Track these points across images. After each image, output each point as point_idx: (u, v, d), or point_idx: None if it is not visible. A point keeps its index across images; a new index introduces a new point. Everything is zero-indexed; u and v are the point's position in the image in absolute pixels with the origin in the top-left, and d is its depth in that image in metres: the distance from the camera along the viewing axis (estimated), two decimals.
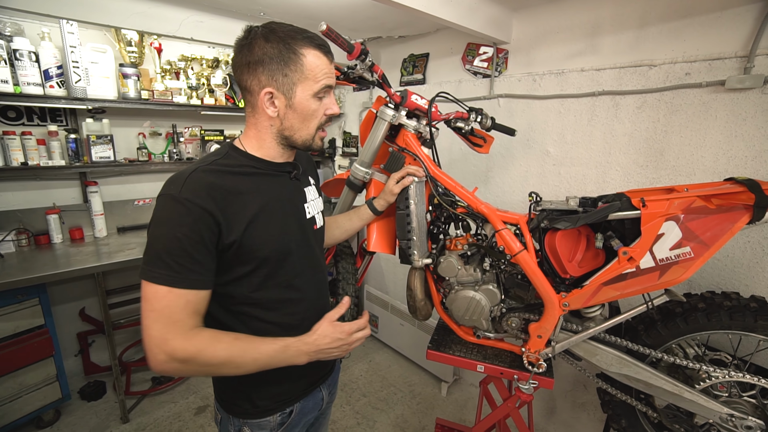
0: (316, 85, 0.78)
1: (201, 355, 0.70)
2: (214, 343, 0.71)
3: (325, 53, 0.79)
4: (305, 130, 0.83)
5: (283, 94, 0.78)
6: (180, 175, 0.73)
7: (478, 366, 1.28)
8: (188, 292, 0.70)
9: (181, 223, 0.69)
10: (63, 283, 2.27)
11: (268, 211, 0.80)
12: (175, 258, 0.68)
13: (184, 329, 0.70)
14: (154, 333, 0.68)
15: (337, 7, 1.89)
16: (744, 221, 0.93)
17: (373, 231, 1.32)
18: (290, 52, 0.75)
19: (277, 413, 0.88)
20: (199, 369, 0.72)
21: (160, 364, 0.68)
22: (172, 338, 0.68)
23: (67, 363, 2.22)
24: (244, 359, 0.73)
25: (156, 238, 0.70)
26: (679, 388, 1.08)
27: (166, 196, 0.71)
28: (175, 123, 2.48)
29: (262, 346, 0.75)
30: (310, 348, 0.80)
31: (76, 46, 1.81)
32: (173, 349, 0.68)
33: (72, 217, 2.22)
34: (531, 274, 1.15)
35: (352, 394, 2.35)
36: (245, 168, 0.80)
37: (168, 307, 0.68)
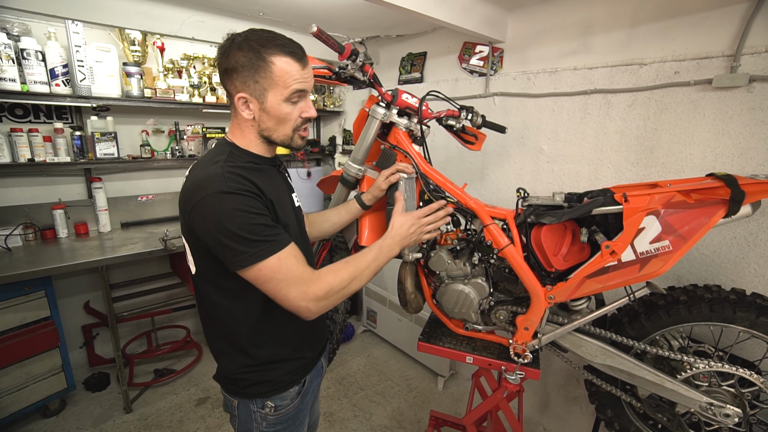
0: (286, 91, 0.82)
1: (334, 285, 0.83)
2: (336, 273, 0.85)
3: (297, 59, 0.82)
4: (282, 131, 0.88)
5: (256, 99, 0.83)
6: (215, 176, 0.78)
7: (467, 357, 1.32)
8: (290, 249, 0.81)
9: (246, 205, 0.77)
10: (68, 276, 2.33)
11: (279, 197, 0.90)
12: (262, 233, 0.78)
13: (310, 275, 0.82)
14: (294, 293, 0.80)
15: (334, 7, 1.92)
16: (720, 215, 0.96)
17: (365, 226, 1.35)
18: (260, 60, 0.80)
19: (295, 385, 0.98)
20: (337, 297, 0.85)
21: (312, 311, 0.82)
22: (308, 287, 0.81)
23: (72, 354, 2.28)
24: (361, 271, 0.89)
25: (236, 229, 0.75)
26: (661, 378, 1.11)
27: (214, 194, 0.76)
28: (178, 121, 2.53)
29: (366, 257, 0.92)
30: (395, 240, 0.99)
31: (81, 46, 1.86)
32: (314, 293, 0.81)
33: (77, 213, 2.28)
34: (517, 267, 1.18)
35: (350, 388, 2.40)
36: (250, 164, 0.88)
37: (288, 269, 0.79)
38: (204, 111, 2.52)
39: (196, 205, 0.77)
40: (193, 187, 0.79)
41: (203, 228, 0.78)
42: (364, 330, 3.05)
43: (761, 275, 1.35)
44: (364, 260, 0.91)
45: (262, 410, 0.94)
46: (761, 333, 1.06)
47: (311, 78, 0.87)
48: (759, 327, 1.06)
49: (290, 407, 0.98)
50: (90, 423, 2.04)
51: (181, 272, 2.45)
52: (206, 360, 2.61)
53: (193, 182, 0.81)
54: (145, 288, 2.58)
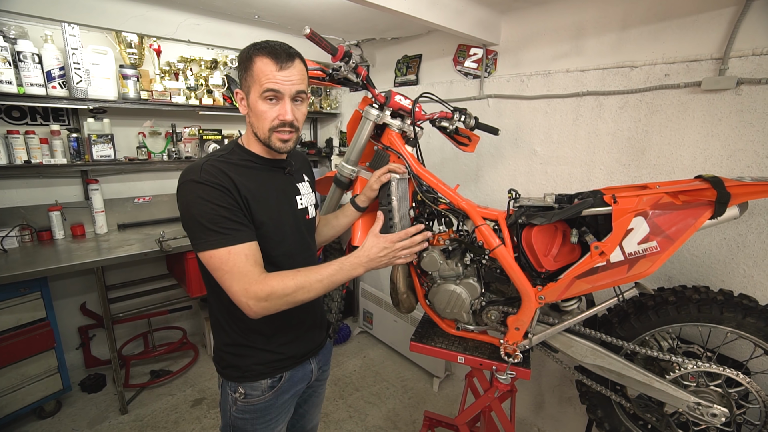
0: (260, 88, 0.86)
1: (276, 290, 0.83)
2: (282, 279, 0.85)
3: (275, 60, 0.84)
4: (261, 129, 0.91)
5: (246, 96, 0.90)
6: (195, 166, 0.86)
7: (459, 357, 1.33)
8: (243, 246, 0.84)
9: (212, 197, 0.82)
10: (65, 277, 2.34)
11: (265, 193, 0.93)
12: (219, 224, 0.82)
13: (256, 276, 0.83)
14: (236, 288, 0.82)
15: (329, 10, 1.94)
16: (706, 217, 0.97)
17: (358, 227, 1.36)
18: (248, 60, 0.87)
19: (267, 378, 0.99)
20: (280, 303, 0.85)
21: (252, 309, 0.83)
22: (250, 285, 0.82)
23: (68, 356, 2.29)
24: (311, 283, 0.87)
25: (198, 215, 0.82)
26: (650, 378, 1.12)
27: (188, 182, 0.84)
28: (174, 123, 2.54)
29: (322, 271, 0.90)
30: (362, 260, 0.95)
31: (78, 48, 1.87)
32: (255, 293, 0.82)
33: (73, 214, 2.29)
34: (508, 268, 1.19)
35: (346, 389, 2.40)
36: (246, 162, 0.94)
37: (235, 264, 0.82)
38: (200, 113, 2.53)
39: (178, 189, 0.87)
40: (182, 173, 0.87)
41: (179, 209, 0.86)
42: (361, 331, 3.05)
43: (750, 276, 1.36)
44: (319, 273, 0.89)
45: (233, 394, 0.98)
46: (748, 333, 1.07)
47: (293, 83, 0.87)
48: (745, 327, 1.07)
49: (260, 399, 0.99)
50: (85, 424, 2.04)
51: (178, 274, 2.46)
52: (202, 361, 2.62)
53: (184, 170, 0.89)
54: (141, 289, 2.58)
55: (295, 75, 0.88)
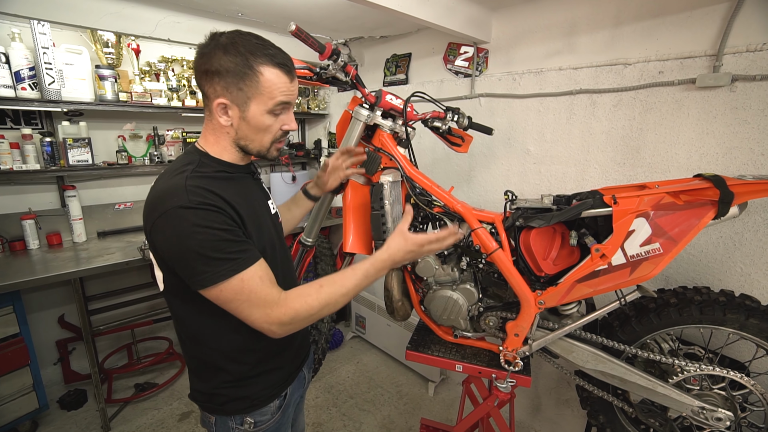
0: (271, 102, 0.79)
1: (301, 312, 0.78)
2: (305, 299, 0.79)
3: (285, 72, 0.79)
4: (259, 142, 0.84)
5: (237, 106, 0.79)
6: (176, 188, 0.73)
7: (456, 366, 1.28)
8: (255, 268, 0.75)
9: (209, 221, 0.72)
10: (40, 289, 2.22)
11: (252, 209, 0.86)
12: (226, 250, 0.73)
13: (276, 298, 0.77)
14: (257, 315, 0.76)
15: (315, 8, 1.88)
16: (710, 217, 0.94)
17: (350, 232, 1.31)
18: (247, 68, 0.75)
19: (276, 399, 0.95)
20: (304, 322, 0.80)
21: (277, 333, 0.77)
22: (272, 310, 0.76)
23: (45, 372, 2.17)
24: (336, 299, 0.82)
25: (197, 247, 0.71)
26: (653, 383, 1.09)
27: (176, 209, 0.71)
28: (156, 125, 2.45)
29: (346, 282, 0.83)
30: (387, 264, 0.89)
31: (49, 48, 1.77)
32: (278, 318, 0.76)
33: (49, 222, 2.17)
34: (506, 272, 1.15)
35: (339, 396, 2.34)
36: (221, 173, 0.83)
37: (252, 290, 0.74)
38: (183, 115, 2.44)
39: (156, 221, 0.72)
40: (155, 200, 0.74)
41: (164, 245, 0.73)
42: (353, 336, 2.99)
43: (747, 274, 1.35)
44: (343, 287, 0.83)
45: (241, 426, 0.91)
46: (750, 335, 1.05)
47: (297, 91, 0.84)
48: (748, 329, 1.05)
49: (271, 422, 0.94)
50: None
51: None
52: None
53: (154, 194, 0.76)
54: (123, 299, 2.48)
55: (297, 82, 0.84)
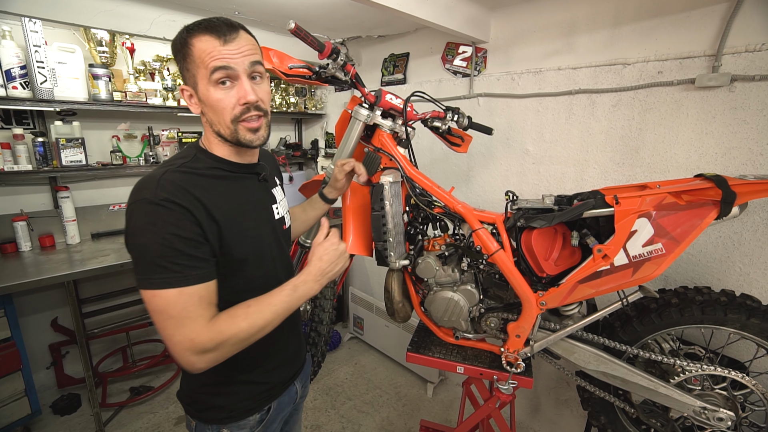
0: (207, 71, 0.71)
1: (228, 338, 0.69)
2: (233, 321, 0.71)
3: (216, 35, 0.71)
4: (222, 124, 0.76)
5: (193, 89, 0.75)
6: (150, 179, 0.70)
7: (457, 367, 1.27)
8: (198, 288, 0.69)
9: (166, 223, 0.67)
10: (32, 292, 2.18)
11: (241, 213, 0.80)
12: (171, 260, 0.67)
13: (205, 322, 0.69)
14: (179, 338, 0.67)
15: (313, 6, 1.86)
16: (712, 217, 0.94)
17: (350, 233, 1.30)
18: (184, 45, 0.72)
19: (256, 413, 0.88)
20: (232, 349, 0.71)
21: (195, 364, 0.68)
22: (197, 335, 0.67)
23: (38, 376, 2.13)
24: (264, 318, 0.73)
25: (145, 247, 0.67)
26: (654, 383, 1.09)
27: (141, 202, 0.68)
28: (151, 125, 2.41)
29: (274, 299, 0.76)
30: (314, 276, 0.81)
31: (41, 46, 1.73)
32: (202, 344, 0.67)
33: (42, 224, 2.13)
34: (508, 273, 1.15)
35: (338, 398, 2.32)
36: (214, 170, 0.79)
37: (184, 308, 0.67)
38: (179, 115, 2.41)
39: (126, 208, 0.71)
40: (132, 191, 0.71)
41: (125, 232, 0.70)
42: (351, 337, 2.97)
43: (746, 274, 1.35)
44: (272, 305, 0.75)
45: None
46: (751, 334, 1.05)
47: (244, 55, 0.73)
48: (749, 329, 1.05)
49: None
50: None
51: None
52: None
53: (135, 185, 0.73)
54: (118, 302, 2.44)
55: (245, 45, 0.74)
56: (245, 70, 0.74)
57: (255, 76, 0.76)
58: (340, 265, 0.85)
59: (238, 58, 0.72)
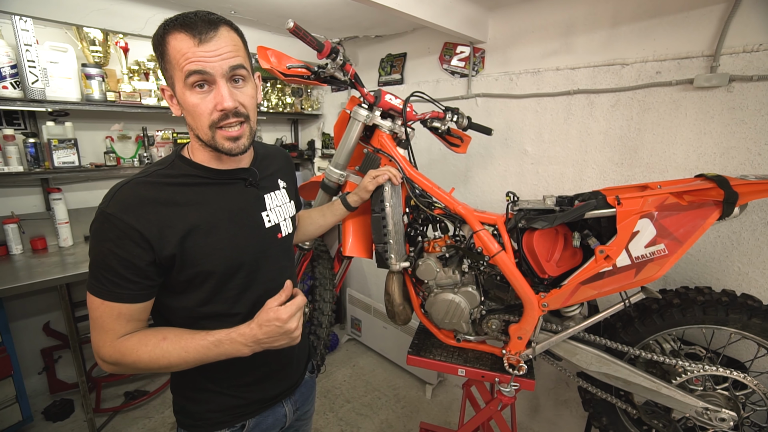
0: (181, 74, 0.66)
1: (125, 359, 0.71)
2: (138, 347, 0.71)
3: (190, 33, 0.64)
4: (200, 128, 0.71)
5: (172, 90, 0.71)
6: (114, 188, 0.70)
7: (459, 370, 1.26)
8: (119, 305, 0.70)
9: (105, 239, 0.68)
10: (24, 296, 2.13)
11: (212, 222, 0.74)
12: (102, 272, 0.68)
13: (114, 337, 0.71)
14: (93, 339, 0.72)
15: (310, 6, 1.84)
16: (714, 217, 0.94)
17: (349, 234, 1.28)
18: (160, 43, 0.67)
19: (226, 427, 0.83)
20: (131, 370, 0.74)
21: (102, 366, 0.74)
22: (102, 345, 0.71)
23: (29, 382, 2.09)
24: (169, 360, 0.70)
25: (90, 251, 0.70)
26: (657, 385, 1.09)
27: (98, 210, 0.69)
28: (146, 126, 2.38)
29: (191, 344, 0.70)
30: (247, 339, 0.71)
31: (32, 45, 1.70)
32: (103, 355, 0.71)
33: (33, 227, 2.09)
34: (509, 275, 1.14)
35: (336, 401, 2.30)
36: (189, 178, 0.75)
37: (101, 317, 0.70)
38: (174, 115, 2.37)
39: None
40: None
41: None
42: (349, 339, 2.95)
43: (744, 273, 1.36)
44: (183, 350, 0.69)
45: None
46: (753, 334, 1.05)
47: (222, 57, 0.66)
48: (751, 328, 1.05)
49: None
50: None
51: None
52: None
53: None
54: None
55: (224, 46, 0.66)
56: (223, 74, 0.67)
57: (237, 78, 0.70)
58: (280, 343, 0.72)
59: (215, 61, 0.66)
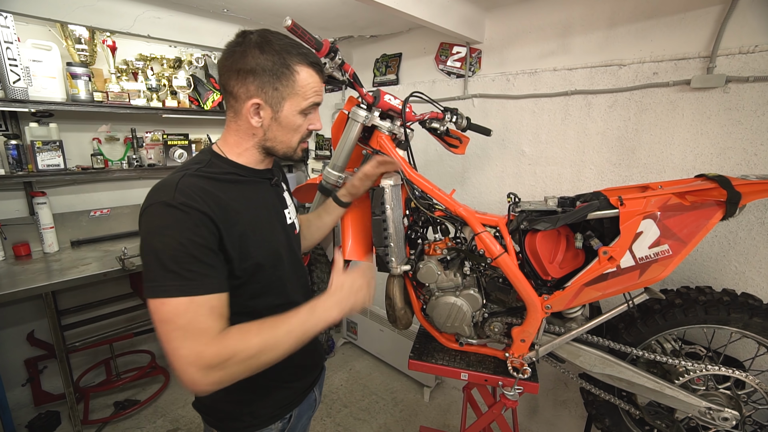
0: (305, 102, 0.79)
1: (237, 354, 0.65)
2: (244, 336, 0.67)
3: (318, 72, 0.80)
4: (287, 143, 0.82)
5: (270, 107, 0.77)
6: (168, 182, 0.70)
7: (462, 374, 1.24)
8: (210, 298, 0.66)
9: (183, 228, 0.65)
10: (6, 305, 2.05)
11: (259, 218, 0.81)
12: (184, 265, 0.64)
13: (214, 334, 0.65)
14: (185, 352, 0.62)
15: (305, 4, 1.81)
16: (718, 218, 0.94)
17: (348, 238, 1.25)
18: (284, 67, 0.75)
19: (278, 421, 0.88)
20: (239, 369, 0.66)
21: (198, 382, 0.62)
22: (205, 348, 0.63)
23: (12, 394, 2.01)
24: (278, 338, 0.69)
25: (157, 251, 0.65)
26: (660, 385, 1.08)
27: (158, 204, 0.67)
28: (134, 127, 2.31)
29: (291, 319, 0.72)
30: (333, 302, 0.78)
31: (13, 42, 1.64)
32: (209, 360, 0.63)
33: (16, 232, 2.01)
34: (512, 277, 1.12)
35: (333, 405, 2.27)
36: (230, 175, 0.79)
37: (193, 318, 0.64)
38: (164, 116, 2.32)
39: (140, 217, 0.69)
40: (147, 196, 0.70)
41: (140, 241, 0.69)
42: (345, 342, 2.92)
43: (741, 272, 1.37)
44: (288, 325, 0.71)
45: None
46: (754, 333, 1.06)
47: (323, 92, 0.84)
48: (752, 327, 1.05)
49: None
50: None
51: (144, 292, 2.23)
52: (175, 386, 2.39)
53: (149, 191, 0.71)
54: (101, 312, 2.33)
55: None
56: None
57: None
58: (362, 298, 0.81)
59: (322, 96, 0.83)
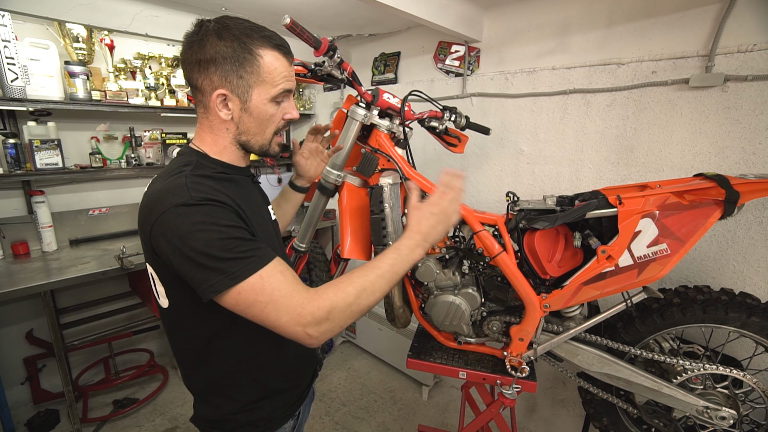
0: (274, 90, 0.73)
1: (337, 304, 0.67)
2: (338, 288, 0.69)
3: (284, 54, 0.74)
4: (261, 136, 0.77)
5: (237, 97, 0.72)
6: (176, 185, 0.66)
7: (460, 373, 1.25)
8: (274, 265, 0.66)
9: (216, 219, 0.64)
10: (4, 304, 2.05)
11: (255, 215, 0.79)
12: (235, 249, 0.63)
13: (303, 294, 0.66)
14: (285, 319, 0.64)
15: (303, 3, 1.81)
16: (716, 217, 0.94)
17: (347, 236, 1.25)
18: (246, 52, 0.70)
19: (290, 419, 0.89)
20: (344, 316, 0.68)
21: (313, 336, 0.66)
22: (301, 309, 0.64)
23: (11, 392, 2.01)
24: (373, 282, 0.71)
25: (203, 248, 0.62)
26: (658, 384, 1.08)
27: (177, 208, 0.63)
28: (133, 126, 2.31)
29: (380, 264, 0.74)
30: (416, 238, 0.79)
31: (11, 41, 1.63)
32: (312, 314, 0.65)
33: (15, 231, 2.01)
34: (511, 275, 1.12)
35: (332, 404, 2.27)
36: (220, 174, 0.76)
37: (280, 283, 0.65)
38: (162, 115, 2.31)
39: (155, 223, 0.64)
40: (151, 202, 0.66)
41: (167, 250, 0.64)
42: (343, 341, 2.92)
43: (739, 272, 1.37)
44: (377, 268, 0.73)
45: None
46: (751, 332, 1.06)
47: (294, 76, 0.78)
48: (750, 327, 1.05)
49: None
50: None
51: (142, 291, 2.23)
52: (173, 385, 2.39)
53: (150, 197, 0.68)
54: (100, 311, 2.32)
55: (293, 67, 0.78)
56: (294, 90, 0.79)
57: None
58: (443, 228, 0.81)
59: (294, 80, 0.77)
